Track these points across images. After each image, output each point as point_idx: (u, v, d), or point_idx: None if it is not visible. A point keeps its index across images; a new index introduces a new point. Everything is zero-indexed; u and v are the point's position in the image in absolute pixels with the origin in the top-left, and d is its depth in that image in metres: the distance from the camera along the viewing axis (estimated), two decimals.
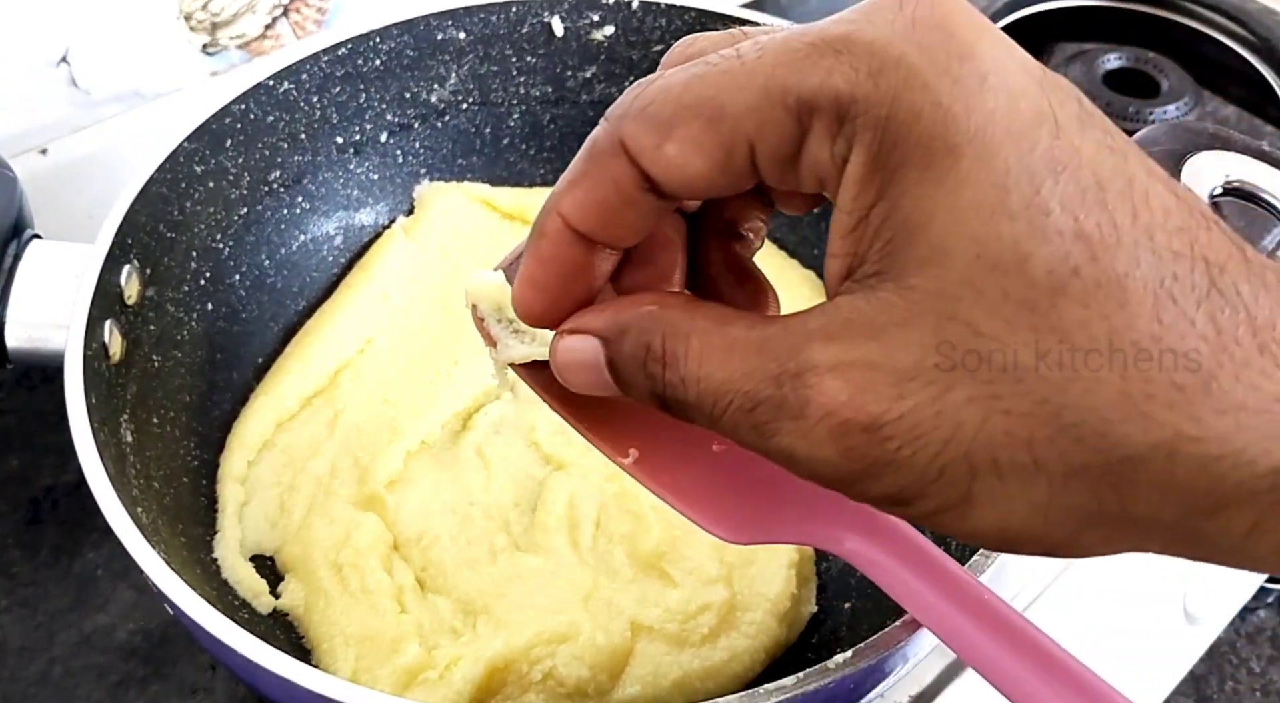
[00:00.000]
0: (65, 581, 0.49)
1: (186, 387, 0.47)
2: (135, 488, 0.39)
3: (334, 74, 0.52)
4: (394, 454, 0.47)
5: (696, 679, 0.42)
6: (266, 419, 0.48)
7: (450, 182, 0.58)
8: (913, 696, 0.46)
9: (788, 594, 0.44)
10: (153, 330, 0.45)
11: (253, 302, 0.52)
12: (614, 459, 0.30)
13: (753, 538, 0.30)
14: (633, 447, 0.30)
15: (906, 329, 0.21)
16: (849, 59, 0.21)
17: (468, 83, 0.56)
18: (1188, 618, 0.52)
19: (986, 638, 0.27)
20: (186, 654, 0.47)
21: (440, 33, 0.54)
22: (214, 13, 0.61)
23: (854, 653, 0.32)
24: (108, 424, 0.39)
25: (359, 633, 0.42)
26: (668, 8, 0.54)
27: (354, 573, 0.43)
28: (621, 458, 0.30)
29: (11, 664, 0.46)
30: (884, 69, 0.21)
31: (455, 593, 0.44)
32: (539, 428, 0.49)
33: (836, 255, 0.23)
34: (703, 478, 0.31)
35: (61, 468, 0.53)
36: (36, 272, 0.42)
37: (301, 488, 0.47)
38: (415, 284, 0.54)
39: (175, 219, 0.46)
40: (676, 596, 0.43)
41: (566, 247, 0.25)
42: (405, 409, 0.49)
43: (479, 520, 0.46)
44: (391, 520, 0.45)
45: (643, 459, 0.30)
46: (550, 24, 0.55)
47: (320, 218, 0.55)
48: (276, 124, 0.51)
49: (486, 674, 0.40)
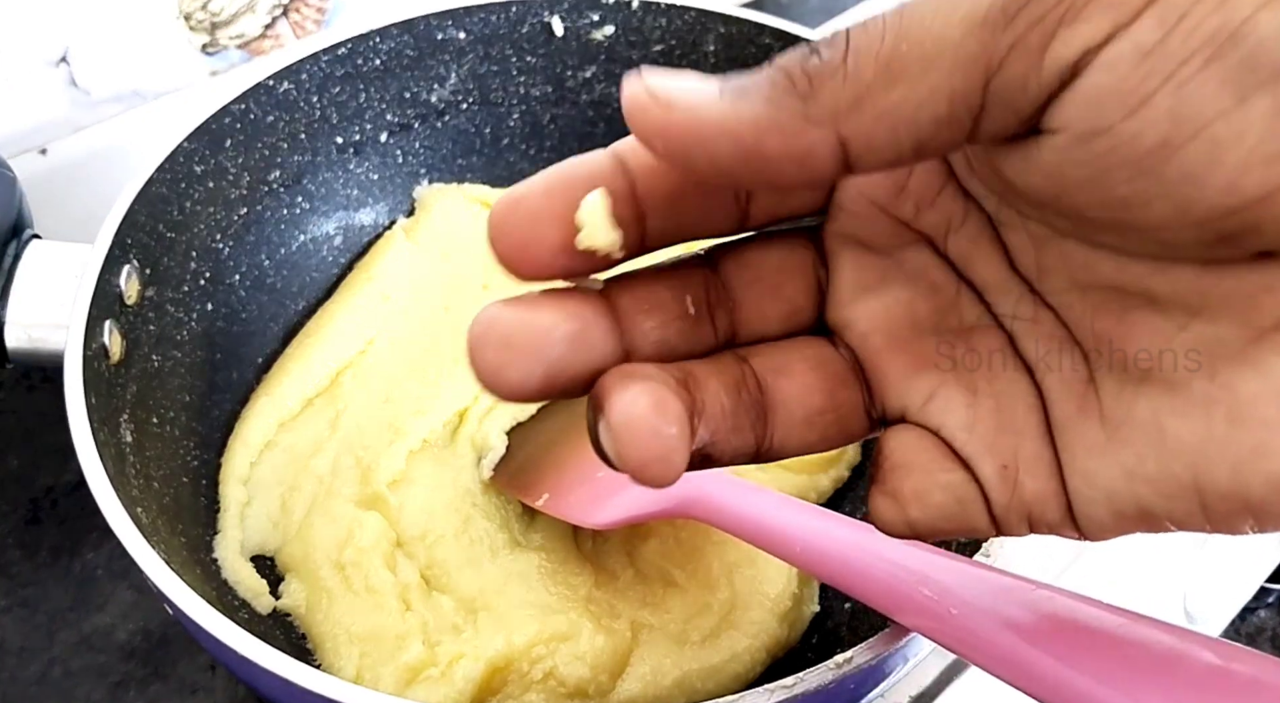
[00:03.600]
0: (65, 581, 0.49)
1: (186, 387, 0.47)
2: (135, 488, 0.39)
3: (334, 74, 0.52)
4: (396, 453, 0.47)
5: (697, 679, 0.42)
6: (268, 419, 0.48)
7: (450, 182, 0.58)
8: (913, 696, 0.46)
9: (789, 594, 0.44)
10: (153, 330, 0.45)
11: (253, 301, 0.52)
12: (532, 504, 0.44)
13: (613, 520, 0.40)
14: (545, 492, 0.44)
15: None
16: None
17: (467, 82, 0.56)
18: (1188, 617, 0.52)
19: (797, 533, 0.32)
20: (186, 655, 0.47)
21: (440, 32, 0.54)
22: (214, 13, 0.61)
23: (853, 653, 0.32)
24: (107, 424, 0.39)
25: (362, 631, 0.42)
26: (668, 7, 0.54)
27: (357, 572, 0.43)
28: (536, 502, 0.44)
29: (11, 664, 0.46)
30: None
31: (458, 591, 0.44)
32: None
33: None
34: (586, 495, 0.42)
35: (61, 468, 0.53)
36: (36, 271, 0.42)
37: (303, 488, 0.47)
38: (416, 285, 0.54)
39: (175, 219, 0.46)
40: (677, 595, 0.44)
41: (596, 158, 0.22)
42: (407, 408, 0.49)
43: (480, 519, 0.46)
44: (394, 519, 0.45)
45: (551, 499, 0.44)
46: (550, 24, 0.55)
47: (320, 218, 0.55)
48: (276, 124, 0.51)
49: (488, 673, 0.40)
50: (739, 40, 0.53)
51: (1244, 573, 0.54)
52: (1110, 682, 0.24)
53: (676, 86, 0.19)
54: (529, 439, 0.48)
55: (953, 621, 0.28)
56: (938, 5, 0.17)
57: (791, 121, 0.18)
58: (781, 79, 0.18)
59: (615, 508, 0.41)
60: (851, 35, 0.18)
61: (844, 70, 0.18)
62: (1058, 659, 0.25)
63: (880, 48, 0.17)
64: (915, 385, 0.23)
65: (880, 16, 0.18)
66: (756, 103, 0.18)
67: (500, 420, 0.49)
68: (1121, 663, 0.24)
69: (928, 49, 0.17)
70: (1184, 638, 0.25)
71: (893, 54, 0.17)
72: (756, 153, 0.18)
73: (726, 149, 0.18)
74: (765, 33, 0.52)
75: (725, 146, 0.18)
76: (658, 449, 0.20)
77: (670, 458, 0.20)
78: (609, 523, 0.41)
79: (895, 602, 0.30)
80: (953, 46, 0.17)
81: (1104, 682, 0.24)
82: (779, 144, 0.18)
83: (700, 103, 0.18)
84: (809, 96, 0.18)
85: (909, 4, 0.17)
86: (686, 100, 0.18)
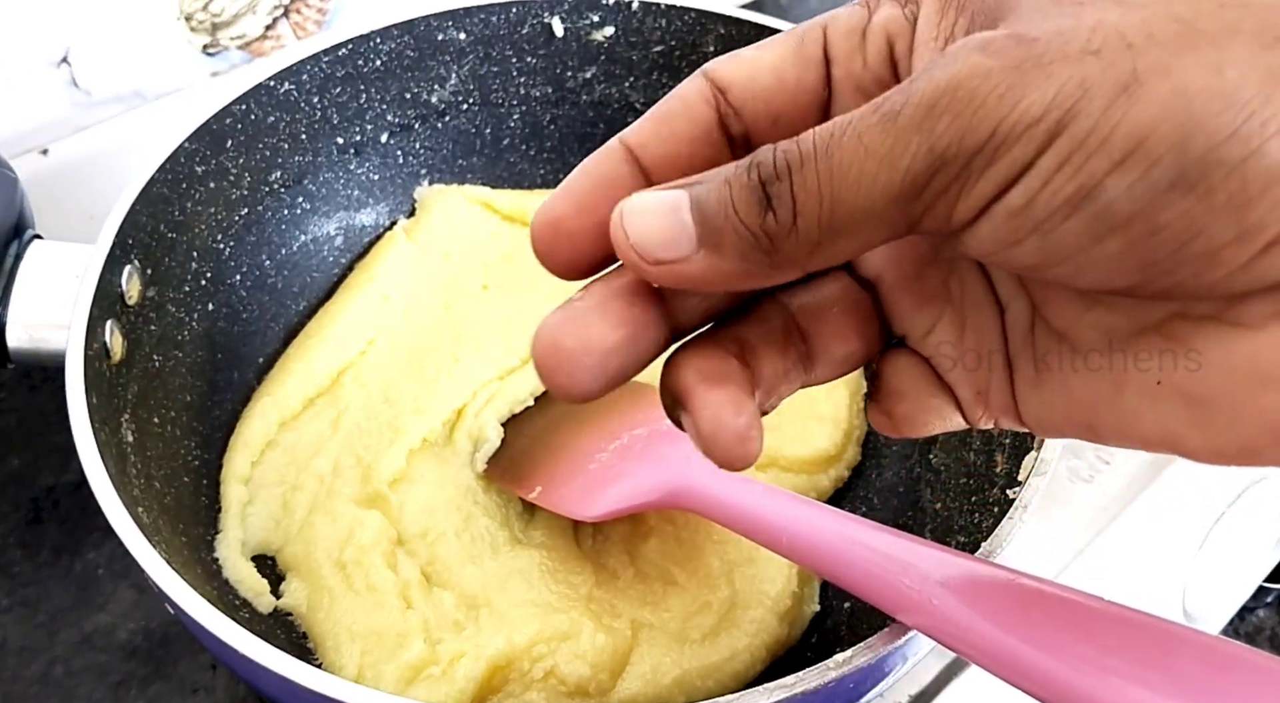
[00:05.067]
0: (66, 580, 0.49)
1: (187, 387, 0.47)
2: (136, 488, 0.39)
3: (334, 74, 0.52)
4: (397, 452, 0.47)
5: (697, 677, 0.42)
6: (270, 419, 0.48)
7: (451, 183, 0.58)
8: (912, 695, 0.46)
9: (789, 593, 0.44)
10: (154, 330, 0.45)
11: (254, 302, 0.52)
12: (524, 497, 0.45)
13: (605, 512, 0.41)
14: (538, 484, 0.45)
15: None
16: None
17: (468, 83, 0.56)
18: (1187, 617, 0.52)
19: (784, 522, 0.33)
20: (187, 654, 0.47)
21: (440, 33, 0.54)
22: (215, 13, 0.61)
23: (852, 652, 0.32)
24: (109, 424, 0.39)
25: (364, 629, 0.42)
26: (668, 8, 0.54)
27: (358, 570, 0.43)
28: (529, 494, 0.45)
29: (12, 664, 0.46)
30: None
31: (459, 587, 0.44)
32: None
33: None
34: (578, 487, 0.43)
35: (62, 468, 0.53)
36: (37, 272, 0.42)
37: (304, 487, 0.47)
38: (417, 286, 0.54)
39: (176, 219, 0.46)
40: (677, 593, 0.44)
41: (613, 163, 0.25)
42: (407, 408, 0.49)
43: (481, 517, 0.46)
44: (395, 518, 0.45)
45: (544, 492, 0.44)
46: (550, 25, 0.55)
47: (321, 218, 0.55)
48: (277, 124, 0.51)
49: (489, 672, 0.40)
50: (739, 41, 0.53)
51: (1242, 572, 0.54)
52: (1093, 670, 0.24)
53: (659, 245, 0.22)
54: (523, 432, 0.48)
55: (934, 610, 0.28)
56: (858, 177, 0.21)
57: (759, 271, 0.22)
58: (748, 236, 0.22)
59: (606, 500, 0.41)
60: (795, 194, 0.21)
61: (796, 233, 0.22)
62: (1040, 648, 0.26)
63: (820, 212, 0.21)
64: (920, 318, 0.27)
65: (815, 170, 0.21)
66: (732, 259, 0.22)
67: (496, 412, 0.49)
68: (1105, 650, 0.25)
69: (857, 216, 0.21)
70: (1170, 627, 0.25)
71: (830, 219, 0.21)
72: (731, 286, 0.23)
73: (705, 287, 0.23)
74: (765, 34, 0.52)
75: (704, 286, 0.23)
76: (743, 447, 0.24)
77: (750, 448, 0.24)
78: (600, 515, 0.41)
79: (878, 591, 0.30)
80: (877, 215, 0.21)
81: (1086, 669, 0.24)
82: (750, 283, 0.23)
83: (679, 258, 0.22)
84: (771, 252, 0.22)
85: (835, 168, 0.21)
86: (667, 255, 0.22)
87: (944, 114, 0.20)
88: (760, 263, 0.22)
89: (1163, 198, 0.19)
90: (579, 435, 0.46)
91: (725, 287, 0.23)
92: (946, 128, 0.20)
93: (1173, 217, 0.19)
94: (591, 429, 0.46)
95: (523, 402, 0.50)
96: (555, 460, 0.45)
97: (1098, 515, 0.52)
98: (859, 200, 0.21)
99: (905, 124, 0.20)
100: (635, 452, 0.42)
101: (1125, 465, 0.54)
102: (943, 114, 0.20)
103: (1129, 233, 0.20)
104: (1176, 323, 0.22)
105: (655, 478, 0.40)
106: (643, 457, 0.42)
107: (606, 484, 0.42)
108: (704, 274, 0.22)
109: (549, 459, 0.46)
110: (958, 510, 0.43)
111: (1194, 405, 0.22)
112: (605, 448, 0.44)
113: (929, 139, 0.20)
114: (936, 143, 0.20)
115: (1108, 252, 0.20)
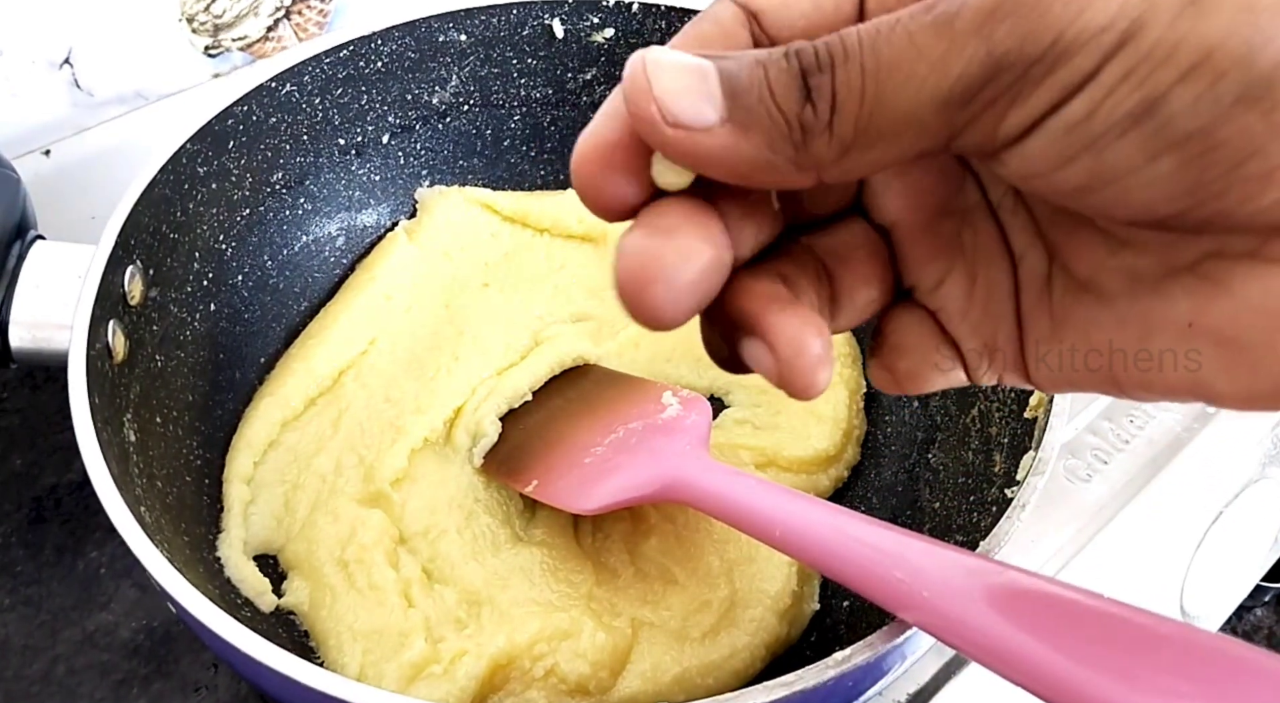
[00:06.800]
0: (68, 579, 0.49)
1: (189, 387, 0.48)
2: (138, 487, 0.39)
3: (336, 76, 0.52)
4: (398, 452, 0.47)
5: (697, 676, 0.42)
6: (272, 419, 0.49)
7: (452, 184, 0.58)
8: (910, 694, 0.46)
9: (789, 591, 0.44)
10: (156, 331, 0.45)
11: (255, 302, 0.52)
12: (520, 490, 0.46)
13: (600, 505, 0.41)
14: (534, 478, 0.45)
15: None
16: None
17: (469, 85, 0.56)
18: (1185, 615, 0.52)
19: (776, 515, 0.33)
20: (189, 652, 0.47)
21: (441, 35, 0.54)
22: (216, 15, 0.61)
23: (851, 650, 0.32)
24: (111, 424, 0.39)
25: (366, 628, 0.42)
26: (667, 10, 0.54)
27: (360, 569, 0.43)
28: (525, 488, 0.45)
29: (15, 663, 0.47)
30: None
31: (461, 584, 0.44)
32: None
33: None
34: (574, 480, 0.43)
35: (65, 467, 0.54)
36: (40, 272, 0.43)
37: (306, 487, 0.47)
38: (418, 286, 0.54)
39: (178, 220, 0.46)
40: (677, 592, 0.44)
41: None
42: (409, 407, 0.49)
43: (482, 515, 0.46)
44: (397, 516, 0.46)
45: (540, 485, 0.44)
46: (551, 26, 0.55)
47: (322, 219, 0.55)
48: (279, 125, 0.51)
49: (490, 670, 0.40)
50: None
51: (1241, 572, 0.54)
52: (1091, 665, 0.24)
53: (683, 105, 0.21)
54: (520, 427, 0.49)
55: (926, 604, 0.28)
56: (906, 78, 0.20)
57: (782, 165, 0.21)
58: (781, 123, 0.21)
59: (602, 493, 0.41)
60: (837, 88, 0.20)
61: (830, 131, 0.21)
62: (1030, 640, 0.26)
63: (860, 112, 0.20)
64: (931, 269, 0.27)
65: (860, 66, 0.20)
66: (757, 144, 0.21)
67: (495, 407, 0.49)
68: (1103, 646, 0.25)
69: (898, 121, 0.20)
70: (1170, 624, 0.25)
71: (870, 121, 0.20)
72: (744, 177, 0.22)
73: (718, 170, 0.22)
74: None
75: (718, 169, 0.22)
76: (819, 372, 0.24)
77: (825, 375, 0.24)
78: (596, 508, 0.41)
79: (871, 584, 0.30)
80: (919, 121, 0.20)
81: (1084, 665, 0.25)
82: (765, 178, 0.22)
83: (702, 126, 0.21)
84: (800, 147, 0.21)
85: (882, 66, 0.20)
86: (690, 121, 0.21)
87: (1006, 18, 0.19)
88: (785, 156, 0.21)
89: (1225, 113, 0.18)
90: (575, 430, 0.46)
91: (734, 175, 0.22)
92: (1007, 33, 0.19)
93: (1232, 133, 0.19)
94: (587, 423, 0.46)
95: (521, 397, 0.50)
96: (551, 454, 0.45)
97: (1096, 515, 0.52)
98: (902, 103, 0.20)
99: (963, 27, 0.19)
100: (630, 445, 0.43)
101: (1123, 465, 0.54)
102: (1005, 18, 0.19)
103: (1186, 150, 0.19)
104: (1211, 263, 0.21)
105: (650, 471, 0.40)
106: (638, 450, 0.42)
107: (602, 477, 0.42)
108: (721, 153, 0.21)
109: (545, 453, 0.46)
110: (956, 510, 0.43)
111: (1226, 347, 0.21)
112: (601, 442, 0.44)
113: (987, 43, 0.19)
114: (995, 48, 0.19)
115: (1160, 171, 0.19)
